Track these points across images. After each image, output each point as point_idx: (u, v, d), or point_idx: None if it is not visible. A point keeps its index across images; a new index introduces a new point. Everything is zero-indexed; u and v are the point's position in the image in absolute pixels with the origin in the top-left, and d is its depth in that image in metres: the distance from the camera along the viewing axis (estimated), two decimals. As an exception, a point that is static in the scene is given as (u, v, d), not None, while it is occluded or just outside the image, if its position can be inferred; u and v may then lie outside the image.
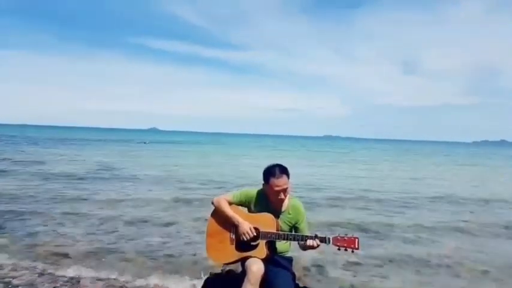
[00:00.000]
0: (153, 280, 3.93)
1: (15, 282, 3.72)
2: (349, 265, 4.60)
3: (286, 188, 2.90)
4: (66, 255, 4.54)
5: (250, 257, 2.82)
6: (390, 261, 4.84)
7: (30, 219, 6.42)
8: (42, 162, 16.34)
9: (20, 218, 6.48)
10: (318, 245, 2.75)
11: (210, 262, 4.18)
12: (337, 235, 2.71)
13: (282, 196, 2.91)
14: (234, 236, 2.96)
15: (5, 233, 5.42)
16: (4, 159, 16.98)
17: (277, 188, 2.86)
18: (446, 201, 10.20)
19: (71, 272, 4.04)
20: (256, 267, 2.71)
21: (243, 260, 2.88)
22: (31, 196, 8.51)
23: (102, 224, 6.33)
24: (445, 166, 25.45)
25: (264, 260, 2.80)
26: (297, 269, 3.86)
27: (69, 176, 12.24)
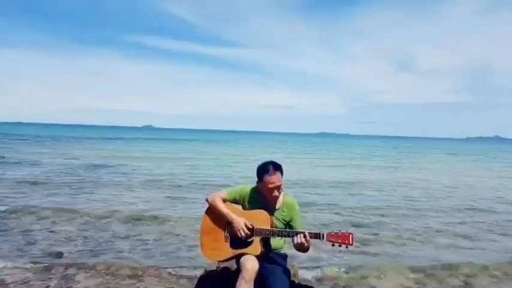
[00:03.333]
0: (148, 278, 3.91)
1: (8, 280, 3.69)
2: (344, 262, 4.61)
3: (280, 185, 2.90)
4: (60, 254, 4.51)
5: (245, 254, 2.83)
6: (386, 258, 4.86)
7: (23, 217, 6.38)
8: (35, 160, 16.23)
9: (13, 216, 6.43)
10: (307, 243, 2.73)
11: (205, 260, 4.19)
12: (331, 231, 2.72)
13: (276, 193, 2.91)
14: (228, 234, 2.96)
15: (-2, 231, 5.38)
16: (-3, 157, 16.86)
17: (271, 185, 2.86)
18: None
19: (64, 270, 4.02)
20: (250, 264, 2.71)
21: (237, 257, 2.88)
22: (24, 194, 8.45)
23: (96, 222, 6.30)
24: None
25: (258, 257, 2.80)
26: (291, 266, 3.87)
27: (63, 174, 12.17)
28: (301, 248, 2.77)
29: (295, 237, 2.73)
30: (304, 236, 2.70)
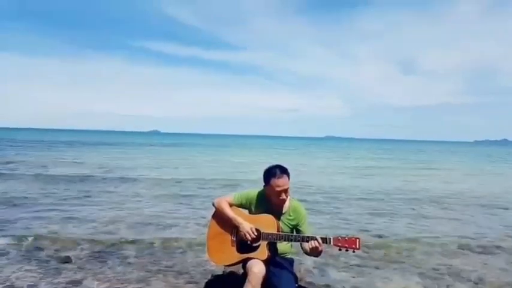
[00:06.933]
0: (155, 282, 3.92)
1: (17, 284, 3.73)
2: (351, 266, 4.59)
3: (287, 188, 2.91)
4: (68, 258, 4.54)
5: (252, 258, 2.83)
6: (393, 262, 4.82)
7: (31, 221, 6.44)
8: (43, 165, 16.38)
9: (22, 220, 6.49)
10: (321, 247, 2.73)
11: (212, 264, 4.19)
12: (338, 235, 2.71)
13: (284, 196, 2.91)
14: (235, 238, 2.96)
15: (7, 236, 5.43)
16: (5, 162, 17.02)
17: (278, 189, 2.87)
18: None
19: (72, 274, 4.05)
20: (257, 269, 2.71)
21: (244, 262, 2.89)
22: (32, 198, 8.53)
23: (103, 226, 6.34)
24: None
25: (265, 262, 2.81)
26: (298, 270, 3.87)
27: (70, 179, 12.27)
28: (315, 251, 2.76)
29: (310, 242, 2.73)
30: (317, 241, 2.70)
